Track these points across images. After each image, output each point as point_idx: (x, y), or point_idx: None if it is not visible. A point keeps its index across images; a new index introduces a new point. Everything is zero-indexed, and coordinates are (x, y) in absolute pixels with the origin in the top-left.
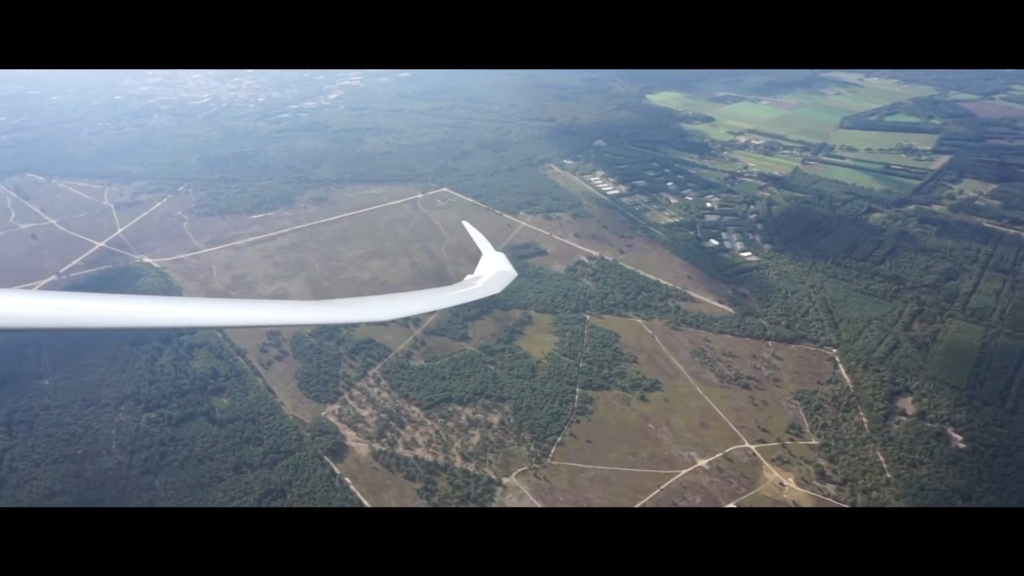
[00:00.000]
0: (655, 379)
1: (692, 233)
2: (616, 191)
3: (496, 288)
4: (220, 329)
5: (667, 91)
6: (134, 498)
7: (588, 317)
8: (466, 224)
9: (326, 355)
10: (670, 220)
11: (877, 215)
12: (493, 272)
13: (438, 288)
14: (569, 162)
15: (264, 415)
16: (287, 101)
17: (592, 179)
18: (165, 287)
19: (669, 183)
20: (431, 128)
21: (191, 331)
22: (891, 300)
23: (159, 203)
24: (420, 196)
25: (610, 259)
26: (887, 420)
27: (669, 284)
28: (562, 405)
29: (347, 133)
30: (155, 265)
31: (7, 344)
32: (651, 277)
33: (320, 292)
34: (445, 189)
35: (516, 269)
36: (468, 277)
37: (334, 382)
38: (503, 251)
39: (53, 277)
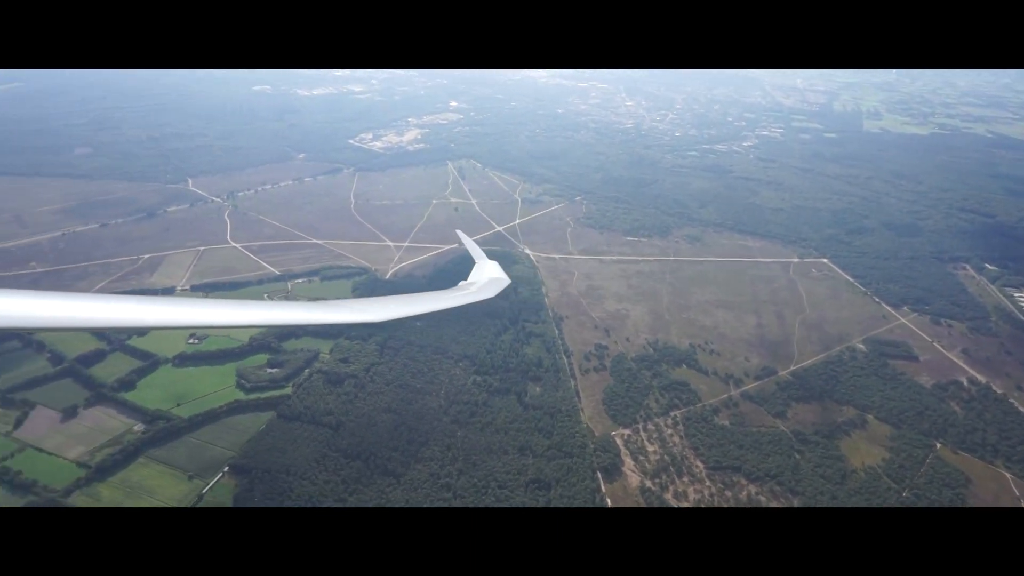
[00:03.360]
0: None
1: None
2: None
3: (490, 293)
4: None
5: None
6: (436, 440)
7: (938, 447)
8: (459, 233)
9: (639, 382)
10: None
11: None
12: (487, 279)
13: (433, 292)
14: (992, 268)
15: (563, 413)
16: (700, 140)
17: (1016, 295)
18: (531, 276)
19: None
20: (835, 194)
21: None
22: None
23: (556, 206)
24: (795, 260)
25: (999, 392)
26: None
27: None
28: None
29: (745, 182)
30: (531, 257)
31: (400, 286)
32: None
33: (659, 324)
34: (825, 260)
35: (869, 366)
36: (462, 283)
37: (635, 409)
38: (861, 345)
39: (456, 245)
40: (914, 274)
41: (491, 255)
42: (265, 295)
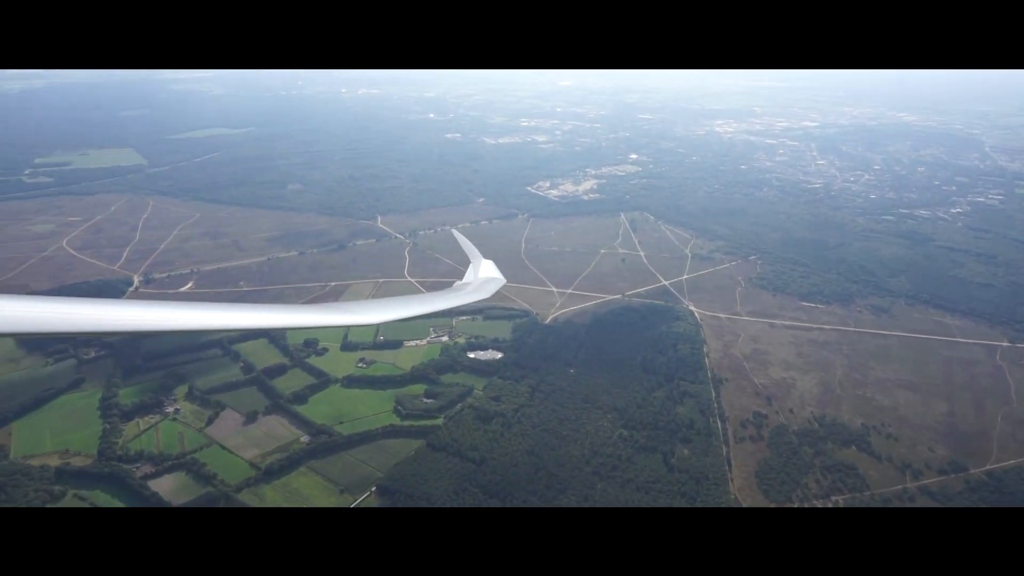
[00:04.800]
0: None
1: None
2: None
3: (485, 293)
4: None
5: None
6: (574, 490)
7: None
8: (455, 232)
9: (799, 458)
10: None
11: None
12: (483, 279)
13: (429, 293)
14: None
15: (710, 481)
16: (898, 204)
17: None
18: (693, 334)
19: None
20: None
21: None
22: None
23: (727, 264)
24: (1005, 344)
25: None
26: None
27: None
28: None
29: (948, 251)
30: (695, 314)
31: (561, 332)
32: None
33: (829, 398)
34: None
35: None
36: (457, 283)
37: (791, 487)
38: None
39: (618, 296)
40: None
41: (653, 309)
42: (432, 329)
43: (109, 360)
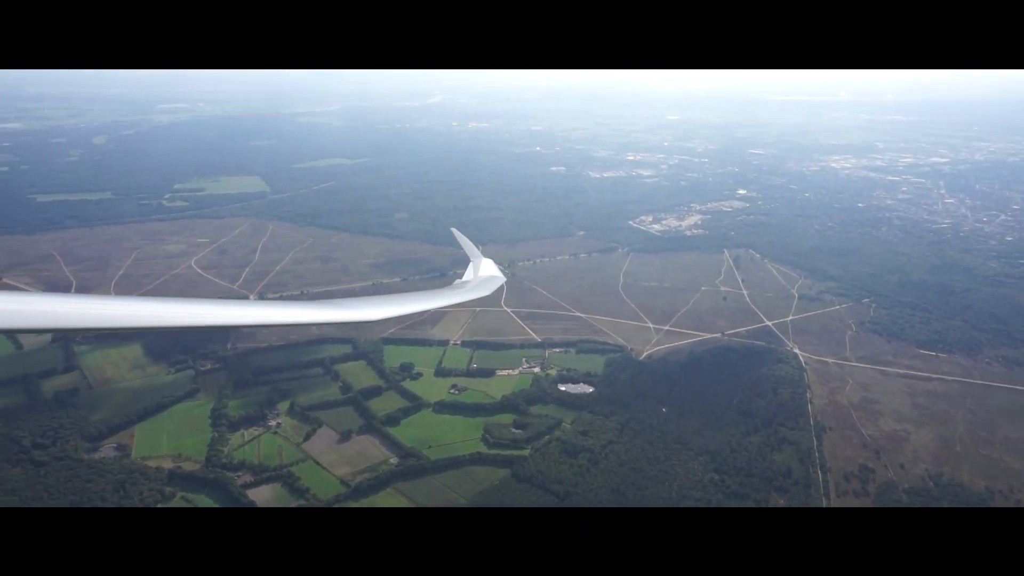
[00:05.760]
0: None
1: None
2: None
3: (485, 291)
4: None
5: None
6: None
7: None
8: (454, 231)
9: None
10: None
11: None
12: (483, 277)
13: (430, 291)
14: None
15: None
16: None
17: None
18: (796, 379)
19: None
20: None
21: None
22: None
23: (837, 307)
24: None
25: None
26: None
27: None
28: None
29: None
30: (799, 358)
31: (655, 369)
32: None
33: (947, 456)
34: None
35: None
36: (457, 281)
37: None
38: None
39: (718, 335)
40: None
41: (753, 350)
42: (524, 359)
43: (222, 373)
